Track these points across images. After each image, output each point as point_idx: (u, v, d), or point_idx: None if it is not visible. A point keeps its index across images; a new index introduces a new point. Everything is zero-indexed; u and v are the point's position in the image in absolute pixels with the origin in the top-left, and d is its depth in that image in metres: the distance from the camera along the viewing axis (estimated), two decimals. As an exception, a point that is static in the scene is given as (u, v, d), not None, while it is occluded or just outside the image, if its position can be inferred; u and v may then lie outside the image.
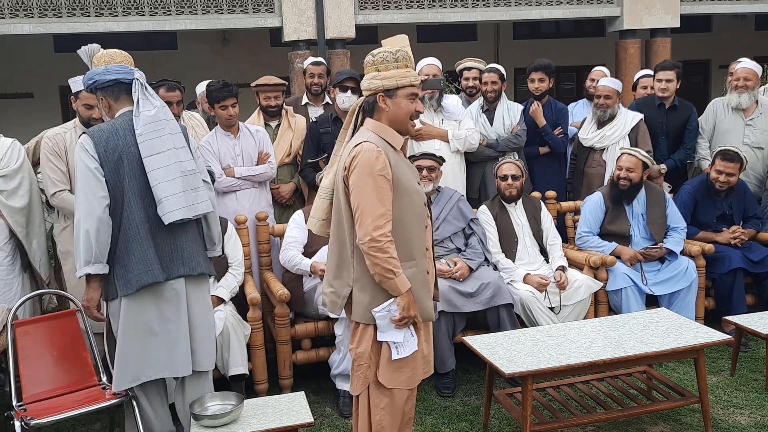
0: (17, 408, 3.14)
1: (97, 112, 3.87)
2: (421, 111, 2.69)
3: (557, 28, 13.04)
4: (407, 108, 2.64)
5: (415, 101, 2.66)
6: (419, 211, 2.69)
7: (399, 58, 2.63)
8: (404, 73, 2.62)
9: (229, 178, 4.37)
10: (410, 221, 2.65)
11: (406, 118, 2.66)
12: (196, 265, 3.04)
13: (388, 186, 2.55)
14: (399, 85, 2.61)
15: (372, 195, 2.52)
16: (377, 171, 2.53)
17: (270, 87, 4.72)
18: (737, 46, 11.34)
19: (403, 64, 2.63)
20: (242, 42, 11.56)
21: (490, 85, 5.00)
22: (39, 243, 3.98)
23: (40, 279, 4.05)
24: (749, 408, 3.62)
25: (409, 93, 2.64)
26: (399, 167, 2.63)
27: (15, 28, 8.06)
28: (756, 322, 3.86)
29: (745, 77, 5.07)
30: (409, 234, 2.65)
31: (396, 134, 2.68)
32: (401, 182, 2.62)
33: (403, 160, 2.71)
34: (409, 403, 2.81)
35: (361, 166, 2.54)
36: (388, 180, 2.55)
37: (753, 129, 5.11)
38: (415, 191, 2.67)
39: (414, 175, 2.73)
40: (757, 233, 4.79)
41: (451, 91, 6.36)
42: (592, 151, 5.08)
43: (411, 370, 2.70)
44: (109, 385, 3.38)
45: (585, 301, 4.18)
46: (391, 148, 2.64)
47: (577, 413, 3.34)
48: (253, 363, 3.90)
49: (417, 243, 2.67)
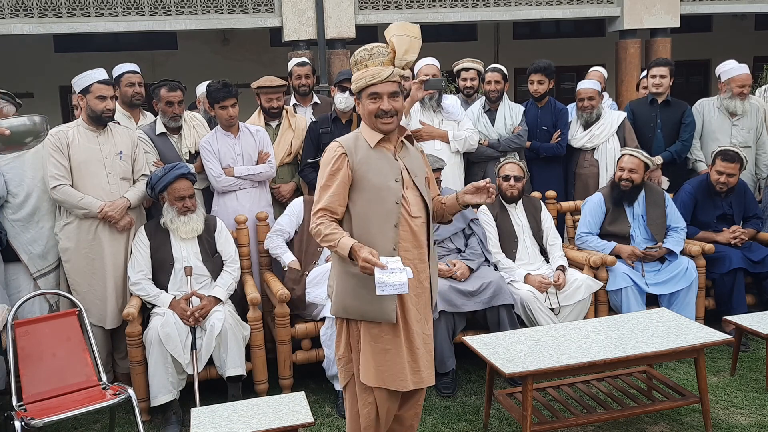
0: (17, 408, 3.15)
1: (109, 104, 3.92)
2: (386, 109, 2.66)
3: (557, 28, 13.03)
4: (368, 108, 2.68)
5: (377, 100, 2.66)
6: (388, 208, 2.66)
7: (358, 60, 2.69)
8: (360, 75, 2.67)
9: (228, 177, 4.37)
10: (374, 219, 2.65)
11: (371, 117, 2.69)
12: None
13: (335, 183, 2.64)
14: (358, 87, 2.69)
15: (318, 191, 2.69)
16: (328, 170, 2.67)
17: (272, 89, 4.72)
18: (737, 46, 11.35)
19: (363, 65, 2.68)
20: (242, 42, 11.55)
21: (493, 84, 5.00)
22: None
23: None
24: (749, 408, 3.62)
25: (368, 93, 2.67)
26: (367, 164, 2.67)
27: (15, 28, 8.05)
28: (756, 322, 3.86)
29: (748, 83, 5.18)
30: (372, 231, 2.65)
31: (372, 132, 2.72)
32: (367, 179, 2.66)
33: (383, 157, 2.71)
34: (411, 411, 2.81)
35: (321, 164, 2.73)
36: (337, 178, 2.64)
37: (740, 129, 5.20)
38: (385, 188, 2.66)
39: (392, 174, 2.69)
40: (757, 233, 4.79)
41: (450, 92, 6.35)
42: (582, 152, 5.12)
43: (393, 371, 2.65)
44: (109, 385, 3.39)
45: (585, 301, 4.18)
46: (367, 145, 2.70)
47: (577, 413, 3.34)
48: (253, 363, 3.90)
49: (381, 240, 2.64)
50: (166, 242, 3.95)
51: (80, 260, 3.96)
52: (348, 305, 2.69)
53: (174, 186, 3.88)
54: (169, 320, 3.68)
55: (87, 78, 3.93)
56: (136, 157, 4.15)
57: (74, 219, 3.94)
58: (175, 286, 3.91)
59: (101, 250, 3.97)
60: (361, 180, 2.66)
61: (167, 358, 3.64)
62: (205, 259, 3.99)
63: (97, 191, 3.94)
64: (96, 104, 3.91)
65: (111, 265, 3.99)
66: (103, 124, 3.99)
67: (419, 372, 2.73)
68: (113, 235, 3.99)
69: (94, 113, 3.94)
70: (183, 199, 3.89)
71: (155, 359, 3.63)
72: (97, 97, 3.91)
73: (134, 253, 3.95)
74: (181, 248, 3.95)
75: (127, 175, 4.10)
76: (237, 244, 4.19)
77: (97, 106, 3.92)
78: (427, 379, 2.76)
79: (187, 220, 3.92)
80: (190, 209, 3.93)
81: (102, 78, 3.94)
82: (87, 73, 3.96)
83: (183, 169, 3.92)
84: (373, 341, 2.67)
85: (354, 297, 2.66)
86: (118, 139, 4.06)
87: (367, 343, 2.68)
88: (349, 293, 2.66)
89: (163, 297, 3.84)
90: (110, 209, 3.91)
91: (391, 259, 2.51)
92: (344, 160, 2.66)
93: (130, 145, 4.12)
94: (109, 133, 4.05)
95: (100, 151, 3.98)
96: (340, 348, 2.79)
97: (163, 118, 4.44)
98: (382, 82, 2.64)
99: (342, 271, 2.70)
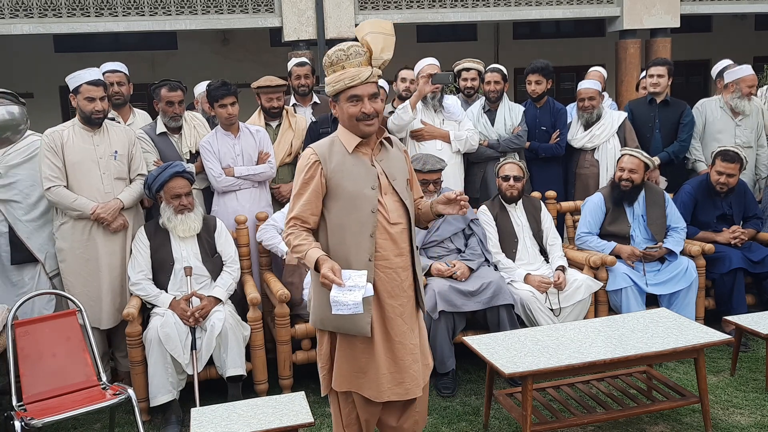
0: (17, 408, 3.15)
1: (99, 105, 3.90)
2: (367, 112, 2.54)
3: (557, 28, 13.03)
4: (348, 111, 2.55)
5: (358, 103, 2.53)
6: (363, 217, 2.56)
7: (334, 60, 2.54)
8: (337, 77, 2.53)
9: (228, 177, 4.37)
10: (349, 229, 2.56)
11: (351, 121, 2.57)
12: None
13: (307, 192, 2.57)
14: (335, 90, 2.54)
15: (291, 200, 2.62)
16: (301, 178, 2.59)
17: (272, 88, 4.72)
18: (737, 46, 11.36)
19: (339, 66, 2.53)
20: (242, 42, 11.55)
21: (492, 84, 5.00)
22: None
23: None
24: (749, 408, 3.62)
25: (347, 96, 2.54)
26: (341, 171, 2.57)
27: (15, 28, 8.06)
28: (756, 322, 3.86)
29: (755, 83, 5.21)
30: (347, 242, 2.56)
31: (351, 136, 2.60)
32: (341, 187, 2.56)
33: (359, 163, 2.60)
34: (410, 420, 2.77)
35: (296, 171, 2.66)
36: (310, 186, 2.57)
37: (743, 129, 5.22)
38: (360, 196, 2.56)
39: (368, 180, 2.59)
40: (757, 233, 4.79)
41: (450, 92, 6.35)
42: (582, 152, 5.12)
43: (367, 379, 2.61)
44: (109, 385, 3.39)
45: (585, 301, 4.18)
46: (344, 151, 2.59)
47: (577, 413, 3.34)
48: (253, 363, 3.90)
49: (356, 251, 2.55)
50: (166, 242, 3.95)
51: (75, 261, 3.95)
52: (323, 317, 2.61)
53: (170, 185, 3.87)
54: (168, 320, 3.68)
55: (77, 78, 3.90)
56: (132, 156, 4.12)
57: (69, 219, 3.93)
58: (175, 287, 3.91)
59: (96, 251, 3.96)
60: (335, 188, 2.56)
61: (167, 358, 3.64)
62: (205, 260, 3.99)
63: (91, 192, 3.92)
64: (85, 105, 3.90)
65: (106, 265, 3.98)
66: (93, 124, 3.97)
67: (403, 384, 2.63)
68: (108, 235, 3.98)
69: (83, 114, 3.93)
70: (179, 197, 3.88)
71: (155, 359, 3.63)
72: (85, 99, 3.88)
73: (134, 253, 3.95)
74: (180, 248, 3.95)
75: (122, 175, 4.07)
76: (237, 244, 4.19)
77: (86, 107, 3.90)
78: (413, 391, 2.66)
79: (184, 219, 3.91)
80: (186, 208, 3.92)
81: (92, 78, 3.90)
82: (78, 72, 3.93)
83: (178, 168, 3.91)
84: (348, 349, 2.62)
85: (329, 309, 2.46)
86: (114, 139, 4.04)
87: (342, 350, 2.63)
88: (324, 305, 2.51)
89: (163, 297, 3.84)
90: (102, 211, 3.89)
91: (355, 273, 2.41)
92: (317, 168, 2.56)
93: (126, 144, 4.09)
94: (105, 133, 4.02)
95: (95, 151, 3.97)
96: (321, 357, 2.72)
97: (164, 118, 4.44)
98: (361, 83, 2.51)
99: (317, 282, 2.59)
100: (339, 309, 2.36)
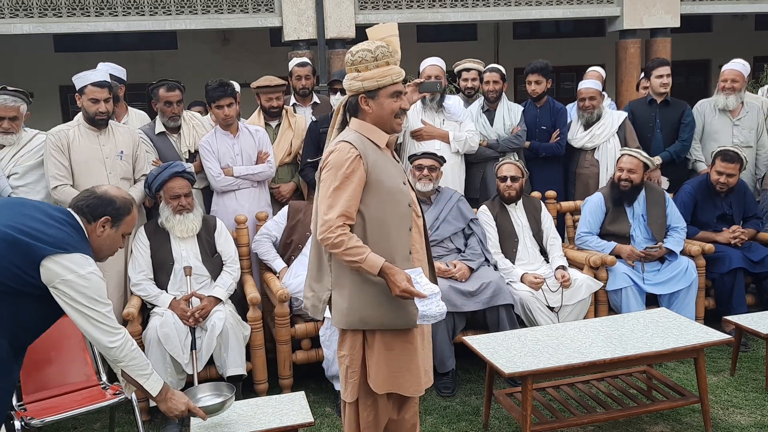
0: (17, 408, 3.15)
1: (103, 107, 3.90)
2: (407, 108, 2.59)
3: (557, 28, 13.03)
4: (390, 107, 2.54)
5: (399, 99, 2.55)
6: (403, 212, 2.58)
7: (378, 56, 2.50)
8: (384, 72, 2.50)
9: (227, 177, 4.37)
10: (391, 223, 2.55)
11: (390, 117, 2.56)
12: None
13: (352, 187, 2.47)
14: (380, 85, 2.51)
15: (331, 195, 2.47)
16: (342, 172, 2.46)
17: (271, 88, 4.72)
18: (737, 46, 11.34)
19: (383, 62, 2.51)
20: (242, 42, 11.55)
21: (491, 84, 5.00)
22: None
23: None
24: (749, 408, 3.62)
25: (391, 92, 2.53)
26: (380, 166, 2.54)
27: (15, 28, 8.06)
28: (756, 322, 3.86)
29: (733, 79, 5.15)
30: (390, 236, 2.55)
31: (381, 133, 2.59)
32: (381, 182, 2.53)
33: (388, 159, 2.62)
34: (410, 411, 2.78)
35: (330, 166, 2.50)
36: (353, 181, 2.47)
37: (741, 128, 5.20)
38: (398, 191, 2.58)
39: (399, 175, 2.62)
40: (757, 233, 4.79)
41: (451, 92, 6.35)
42: (582, 152, 5.11)
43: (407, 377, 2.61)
44: (109, 385, 3.39)
45: (585, 301, 4.18)
46: (374, 147, 2.57)
47: (577, 413, 3.34)
48: (253, 363, 3.90)
49: (399, 245, 2.56)
50: (166, 242, 3.95)
51: None
52: (367, 316, 2.54)
53: (169, 184, 3.87)
54: (168, 320, 3.68)
55: (83, 79, 3.92)
56: (137, 156, 4.15)
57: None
58: (174, 286, 3.91)
59: None
60: (375, 182, 2.52)
61: (166, 358, 3.64)
62: (205, 260, 3.99)
63: None
64: (89, 106, 3.91)
65: (106, 265, 3.97)
66: (98, 125, 3.97)
67: (428, 372, 2.73)
68: None
69: (87, 115, 3.94)
70: (178, 197, 3.88)
71: (154, 359, 3.62)
72: (90, 100, 3.89)
73: (134, 253, 3.95)
74: (180, 248, 3.95)
75: (128, 175, 4.09)
76: (237, 244, 4.19)
77: (90, 108, 3.91)
78: (431, 378, 2.77)
79: (182, 219, 3.91)
80: (185, 208, 3.91)
81: (97, 80, 3.92)
82: (84, 73, 3.95)
83: (178, 168, 3.91)
84: (386, 350, 2.58)
85: (375, 306, 2.52)
86: (119, 139, 4.05)
87: (380, 351, 2.59)
88: (369, 303, 2.52)
89: (163, 297, 3.84)
90: None
91: (421, 281, 2.44)
92: (360, 162, 2.48)
93: (131, 144, 4.11)
94: (110, 133, 4.04)
95: (101, 151, 3.98)
96: (351, 361, 2.62)
97: (162, 117, 4.44)
98: (401, 81, 2.55)
99: (358, 281, 2.54)
100: (426, 320, 2.43)
